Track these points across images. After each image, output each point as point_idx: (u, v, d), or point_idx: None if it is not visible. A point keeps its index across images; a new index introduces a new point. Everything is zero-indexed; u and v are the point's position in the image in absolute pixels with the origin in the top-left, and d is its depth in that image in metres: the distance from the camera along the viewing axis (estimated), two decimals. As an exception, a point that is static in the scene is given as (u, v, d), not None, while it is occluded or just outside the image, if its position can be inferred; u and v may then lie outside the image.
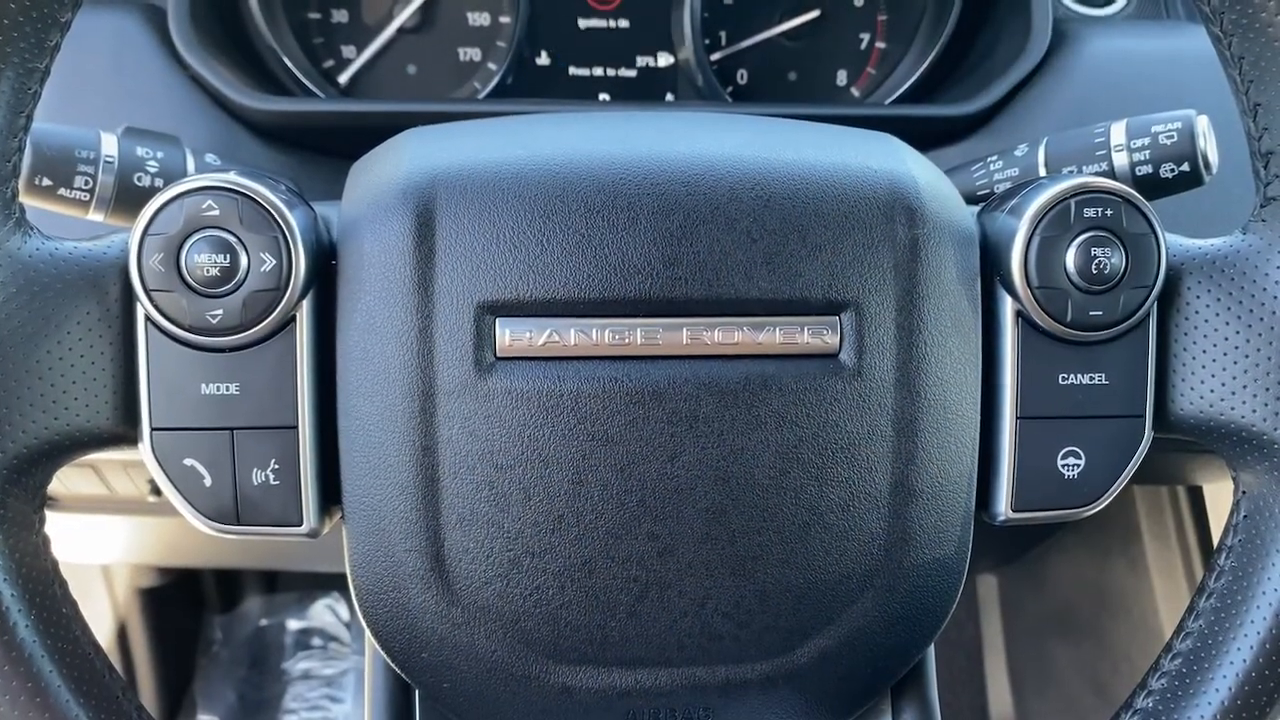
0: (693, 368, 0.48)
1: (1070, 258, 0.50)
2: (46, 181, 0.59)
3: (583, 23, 0.92)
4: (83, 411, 0.47)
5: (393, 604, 0.50)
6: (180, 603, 1.59)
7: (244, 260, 0.47)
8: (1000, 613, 1.53)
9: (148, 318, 0.48)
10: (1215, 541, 0.53)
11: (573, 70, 0.92)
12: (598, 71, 0.92)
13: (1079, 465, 0.52)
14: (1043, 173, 0.66)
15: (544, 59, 0.92)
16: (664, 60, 0.93)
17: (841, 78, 0.95)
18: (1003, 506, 0.53)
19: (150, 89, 0.79)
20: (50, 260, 0.47)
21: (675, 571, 0.49)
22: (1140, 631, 1.30)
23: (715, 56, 0.93)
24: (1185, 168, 0.63)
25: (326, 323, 0.50)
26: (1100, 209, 0.51)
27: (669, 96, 0.93)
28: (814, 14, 0.93)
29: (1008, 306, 0.52)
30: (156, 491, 0.95)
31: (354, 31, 0.90)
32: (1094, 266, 0.50)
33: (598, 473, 0.48)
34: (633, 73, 0.93)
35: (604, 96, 0.93)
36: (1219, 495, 1.17)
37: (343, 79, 0.90)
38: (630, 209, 0.48)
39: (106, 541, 1.27)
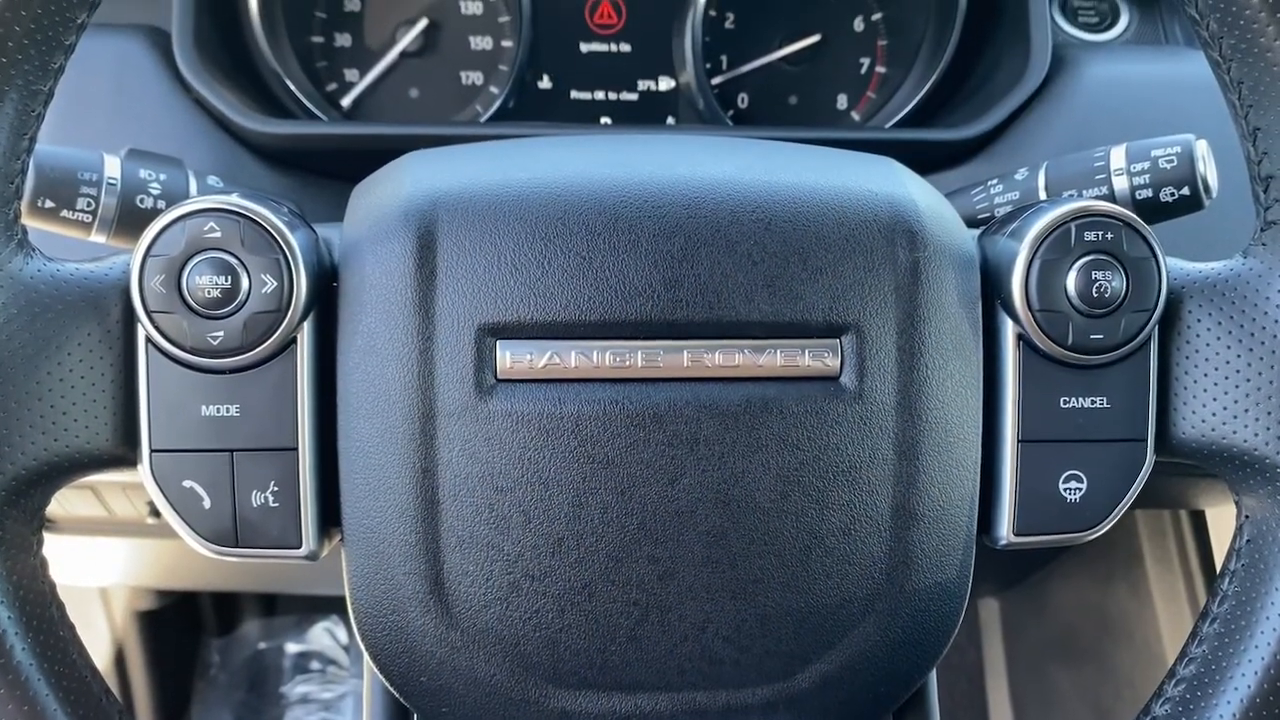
0: (693, 390, 0.48)
1: (1071, 281, 0.51)
2: (49, 203, 0.59)
3: (584, 47, 0.92)
4: (82, 433, 0.47)
5: (391, 627, 0.49)
6: (178, 626, 1.59)
7: (245, 282, 0.47)
8: (1002, 637, 1.53)
9: (148, 339, 0.48)
10: (1218, 566, 0.53)
11: (574, 94, 0.93)
12: (599, 95, 0.93)
13: (1081, 489, 0.52)
14: (1043, 196, 0.67)
15: (546, 82, 0.92)
16: (665, 84, 0.93)
17: (842, 102, 0.95)
18: (1004, 530, 0.52)
19: (154, 111, 0.79)
20: (52, 281, 0.47)
21: (675, 595, 0.49)
22: (1143, 656, 1.29)
23: (716, 80, 0.93)
24: (1185, 192, 0.63)
25: (327, 344, 0.50)
26: (1101, 232, 0.51)
27: (670, 120, 0.94)
28: (814, 39, 0.93)
29: (1008, 329, 0.52)
30: (155, 513, 0.95)
31: (357, 55, 0.91)
32: (1095, 290, 0.50)
33: (598, 495, 0.48)
34: (634, 96, 0.93)
35: (605, 120, 0.93)
36: (1221, 519, 1.17)
37: (345, 102, 0.90)
38: (631, 231, 0.48)
39: (105, 564, 1.27)
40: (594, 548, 0.48)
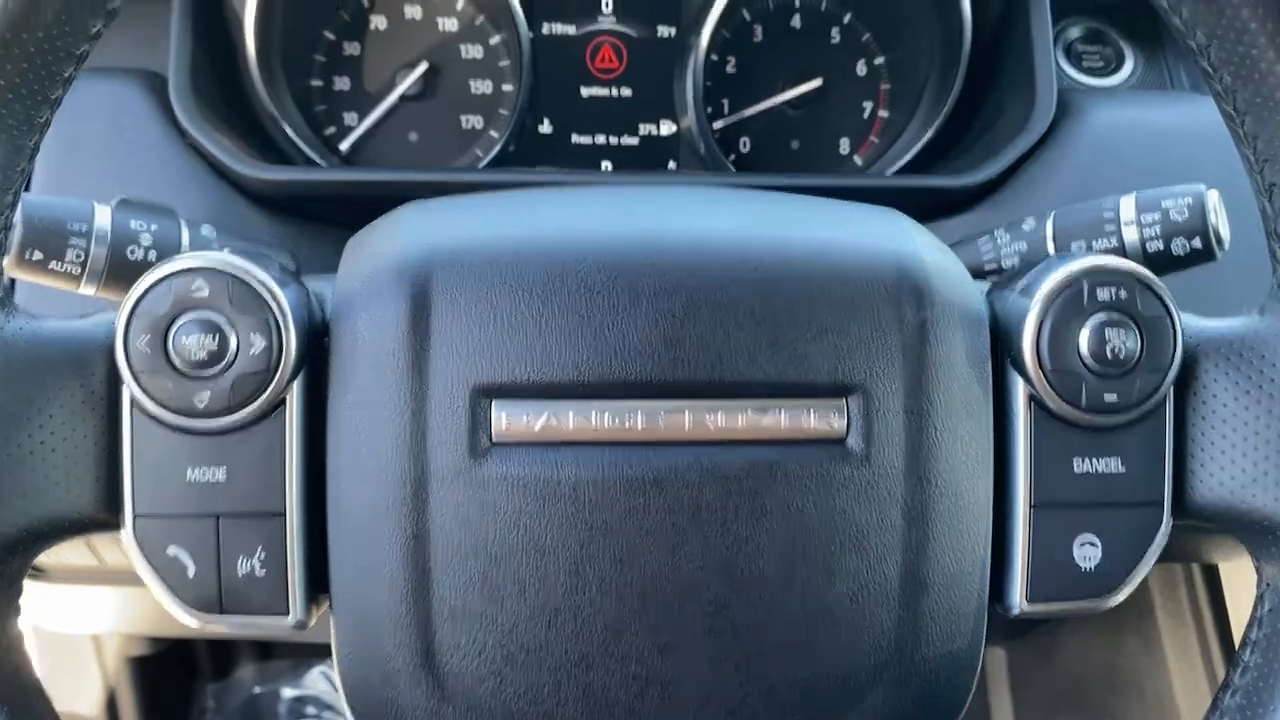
0: (695, 454, 0.47)
1: (1084, 340, 0.49)
2: (38, 255, 0.58)
3: (585, 91, 0.91)
4: (64, 498, 0.46)
5: (382, 700, 0.48)
6: (172, 670, 1.56)
7: (233, 342, 0.46)
8: (1009, 688, 1.50)
9: (133, 400, 0.46)
10: (1231, 619, 0.51)
11: (575, 138, 0.92)
12: (600, 139, 0.92)
13: (1096, 555, 0.50)
14: (1051, 247, 0.65)
15: (546, 127, 0.91)
16: (666, 129, 0.92)
17: (844, 146, 0.94)
18: (1017, 598, 0.51)
19: (149, 157, 0.78)
20: (34, 340, 0.46)
21: (676, 668, 0.47)
22: (1154, 713, 1.27)
23: (718, 125, 0.92)
24: (1197, 243, 0.62)
25: (317, 405, 0.48)
26: (1114, 290, 0.49)
27: (671, 164, 0.93)
28: (816, 83, 0.93)
29: (1019, 389, 0.50)
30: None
31: (356, 99, 0.90)
32: (1108, 350, 0.49)
33: (596, 564, 0.46)
34: (635, 141, 0.92)
35: (606, 164, 0.92)
36: (1235, 572, 1.15)
37: (344, 146, 0.90)
38: (631, 289, 0.47)
39: (96, 612, 1.25)
40: (592, 619, 0.46)
